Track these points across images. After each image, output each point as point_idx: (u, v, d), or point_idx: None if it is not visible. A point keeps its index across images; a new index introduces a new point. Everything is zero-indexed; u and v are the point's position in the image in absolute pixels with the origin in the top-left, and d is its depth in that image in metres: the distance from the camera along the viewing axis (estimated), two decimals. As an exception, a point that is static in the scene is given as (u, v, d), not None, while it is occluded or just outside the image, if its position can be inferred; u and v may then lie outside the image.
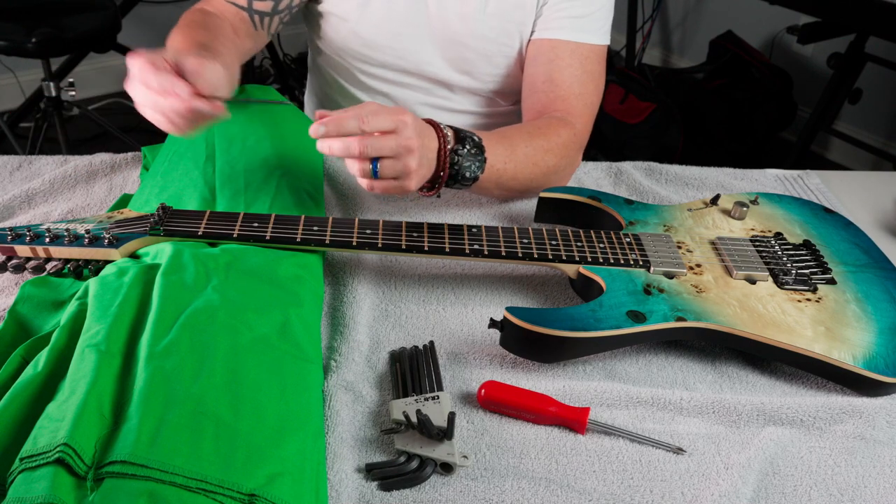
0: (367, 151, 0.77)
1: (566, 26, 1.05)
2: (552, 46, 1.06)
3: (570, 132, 1.01)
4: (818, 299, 0.81)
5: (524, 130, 0.99)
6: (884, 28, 2.08)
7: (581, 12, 1.05)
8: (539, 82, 1.07)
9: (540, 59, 1.07)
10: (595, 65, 1.07)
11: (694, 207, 0.96)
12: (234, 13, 1.05)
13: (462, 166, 0.87)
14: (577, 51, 1.06)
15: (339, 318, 0.81)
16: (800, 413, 0.73)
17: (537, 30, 1.08)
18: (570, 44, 1.05)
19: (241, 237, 0.80)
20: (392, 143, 0.78)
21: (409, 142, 0.79)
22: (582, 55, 1.06)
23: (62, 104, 2.32)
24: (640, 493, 0.66)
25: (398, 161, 0.79)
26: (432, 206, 1.02)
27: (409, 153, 0.79)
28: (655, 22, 3.40)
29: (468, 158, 0.87)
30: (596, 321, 0.74)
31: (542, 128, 1.00)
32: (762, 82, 2.75)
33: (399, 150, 0.78)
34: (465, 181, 0.88)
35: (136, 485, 0.54)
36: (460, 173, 0.87)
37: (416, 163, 0.80)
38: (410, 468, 0.65)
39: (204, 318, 0.68)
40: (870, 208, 1.11)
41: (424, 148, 0.81)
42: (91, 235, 0.80)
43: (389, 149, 0.78)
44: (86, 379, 0.60)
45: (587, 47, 1.06)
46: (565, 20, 1.06)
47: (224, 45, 0.94)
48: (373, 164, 0.78)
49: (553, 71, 1.06)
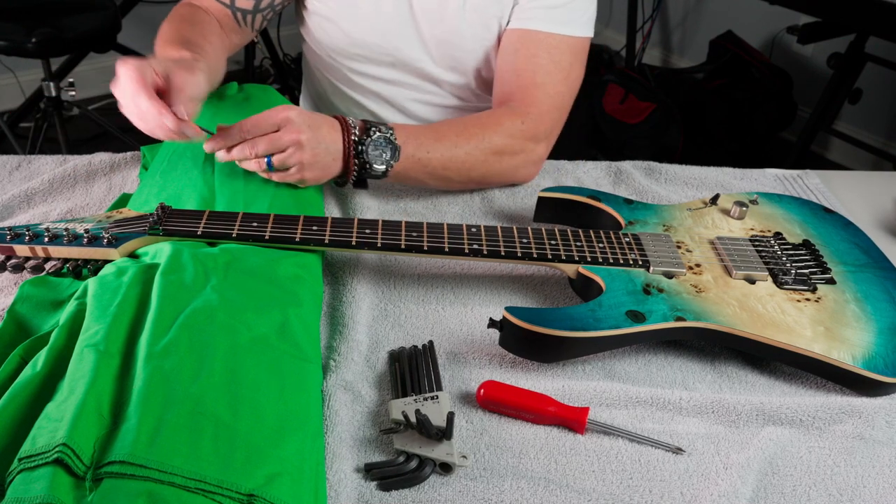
0: (256, 151, 0.87)
1: (537, 17, 1.05)
2: (520, 36, 1.06)
3: (515, 121, 1.01)
4: (817, 299, 0.81)
5: (459, 122, 1.00)
6: (884, 28, 2.08)
7: (555, 3, 1.04)
8: (505, 72, 1.07)
9: (508, 48, 1.07)
10: (565, 56, 1.05)
11: (693, 207, 0.95)
12: (220, 9, 1.09)
13: (370, 155, 0.91)
14: (546, 41, 1.04)
15: (338, 318, 0.81)
16: (799, 413, 0.73)
17: (512, 20, 1.07)
18: (539, 34, 1.05)
19: (240, 237, 0.80)
20: (277, 140, 0.86)
21: (294, 135, 0.86)
22: (551, 45, 1.04)
23: (62, 104, 2.32)
24: (640, 492, 0.66)
25: (288, 154, 0.87)
26: (432, 207, 1.02)
27: (297, 145, 0.87)
28: (655, 22, 3.40)
29: (376, 148, 0.91)
30: (595, 321, 0.74)
31: (482, 117, 1.01)
32: (762, 82, 2.75)
33: (285, 144, 0.87)
34: (376, 171, 0.93)
35: (135, 485, 0.54)
36: (368, 162, 0.92)
37: (309, 154, 0.88)
38: (409, 468, 0.65)
39: (203, 317, 0.68)
40: (870, 208, 1.10)
41: (317, 140, 0.88)
42: (90, 235, 0.80)
43: (275, 146, 0.87)
44: (85, 379, 0.60)
45: (557, 38, 1.05)
46: (538, 10, 1.05)
47: (209, 41, 1.00)
48: (267, 159, 0.87)
49: (518, 61, 1.05)
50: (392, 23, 1.10)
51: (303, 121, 0.87)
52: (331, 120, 0.91)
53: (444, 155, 0.96)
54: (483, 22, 1.08)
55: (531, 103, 1.03)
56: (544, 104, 1.04)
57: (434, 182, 1.00)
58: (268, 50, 2.83)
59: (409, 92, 1.18)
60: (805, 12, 2.30)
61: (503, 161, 1.01)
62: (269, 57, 2.89)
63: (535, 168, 1.07)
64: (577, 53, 1.07)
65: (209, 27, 1.04)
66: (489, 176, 1.02)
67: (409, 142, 0.94)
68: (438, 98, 1.19)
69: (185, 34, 0.98)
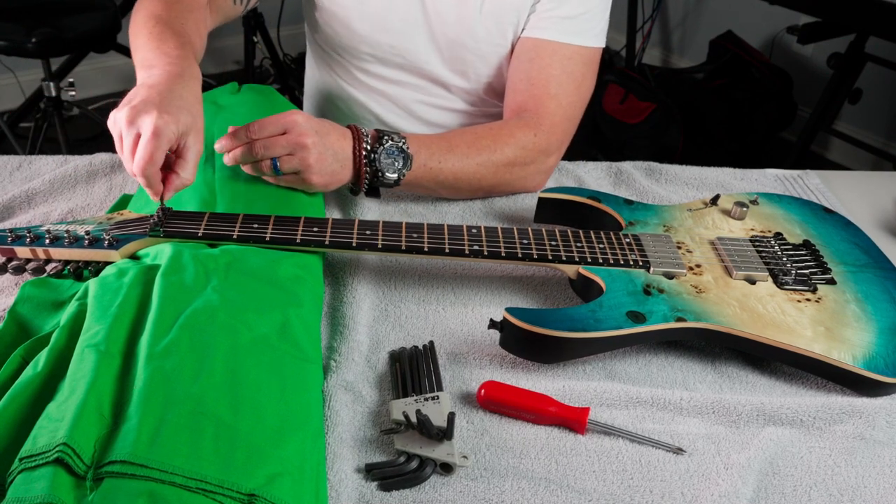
0: (263, 153, 0.86)
1: (552, 26, 1.05)
2: (535, 45, 1.06)
3: (528, 133, 1.01)
4: (818, 299, 0.81)
5: (471, 132, 1.00)
6: (884, 28, 2.08)
7: (571, 13, 1.04)
8: (518, 81, 1.07)
9: (522, 57, 1.07)
10: (578, 66, 1.06)
11: (694, 207, 0.96)
12: None
13: (382, 163, 0.91)
14: (560, 51, 1.05)
15: (338, 319, 0.81)
16: (800, 413, 0.73)
17: (527, 28, 1.08)
18: (553, 44, 1.05)
19: (240, 238, 0.80)
20: (283, 142, 0.86)
21: (300, 139, 0.86)
22: (564, 56, 1.05)
23: (62, 104, 2.32)
24: (640, 493, 0.66)
25: (294, 157, 0.87)
26: (433, 208, 1.02)
27: (303, 149, 0.86)
28: (655, 22, 3.40)
29: (388, 156, 0.91)
30: (596, 322, 0.74)
31: (495, 128, 1.01)
32: (762, 82, 2.75)
33: (291, 147, 0.86)
34: (388, 179, 0.93)
35: (136, 485, 0.54)
36: (380, 171, 0.92)
37: (314, 157, 0.87)
38: (410, 468, 0.65)
39: (204, 318, 0.68)
40: (870, 208, 1.11)
41: (323, 145, 0.88)
42: (91, 237, 0.80)
43: (282, 147, 0.86)
44: (85, 379, 0.60)
45: (572, 48, 1.05)
46: (553, 20, 1.05)
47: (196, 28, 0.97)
48: (273, 162, 0.87)
49: (532, 70, 1.05)
50: (403, 22, 1.10)
51: (310, 125, 0.87)
52: (341, 128, 0.92)
53: (456, 166, 0.96)
54: (499, 28, 1.08)
55: (544, 115, 1.03)
56: (557, 116, 1.04)
57: (444, 192, 1.01)
58: (268, 50, 2.83)
59: (416, 94, 1.18)
60: (805, 12, 2.30)
61: (514, 172, 1.01)
62: (269, 57, 2.88)
63: (545, 178, 1.07)
64: (589, 64, 1.07)
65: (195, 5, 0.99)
66: (499, 186, 1.03)
67: (422, 151, 0.94)
68: (446, 101, 1.19)
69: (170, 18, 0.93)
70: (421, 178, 0.95)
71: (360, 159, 0.91)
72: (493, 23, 1.08)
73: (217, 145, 0.88)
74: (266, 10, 2.80)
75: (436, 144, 0.96)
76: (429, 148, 0.95)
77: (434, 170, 0.95)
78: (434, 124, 1.21)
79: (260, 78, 3.13)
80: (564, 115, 1.05)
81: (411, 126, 1.21)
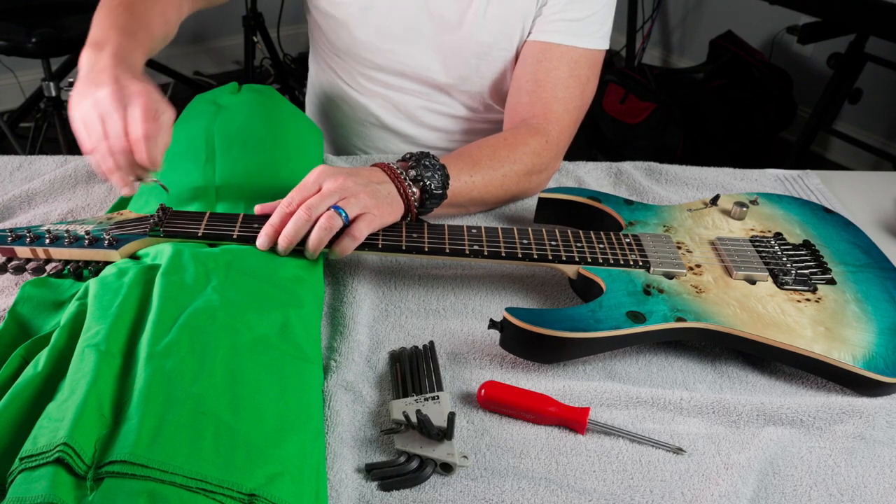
0: (314, 212, 0.78)
1: (560, 29, 1.05)
2: (542, 48, 1.06)
3: (540, 140, 1.01)
4: (818, 299, 0.81)
5: (486, 145, 0.99)
6: (884, 28, 2.08)
7: (577, 16, 1.05)
8: (524, 83, 1.07)
9: (529, 60, 1.07)
10: (584, 69, 1.06)
11: (694, 208, 0.96)
12: None
13: (425, 177, 0.86)
14: (567, 54, 1.05)
15: (338, 319, 0.81)
16: (800, 413, 0.73)
17: (533, 31, 1.08)
18: (561, 47, 1.05)
19: (241, 238, 0.80)
20: (326, 194, 0.79)
21: (337, 182, 0.79)
22: (571, 59, 1.05)
23: (62, 104, 2.32)
24: (640, 493, 0.66)
25: (350, 198, 0.79)
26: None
27: (346, 190, 0.79)
28: (655, 22, 3.40)
29: (427, 169, 0.87)
30: (596, 322, 0.74)
31: (508, 138, 1.00)
32: (762, 82, 2.75)
33: (339, 191, 0.79)
34: (435, 194, 0.87)
35: (136, 484, 0.54)
36: (427, 186, 0.86)
37: (364, 193, 0.80)
38: (410, 468, 0.65)
39: (204, 318, 0.68)
40: (870, 208, 1.11)
41: (361, 179, 0.82)
42: (91, 237, 0.80)
43: (330, 194, 0.79)
44: (86, 379, 0.60)
45: (579, 51, 1.05)
46: (560, 23, 1.05)
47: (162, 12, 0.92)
48: (336, 209, 0.78)
49: (539, 72, 1.05)
50: (406, 30, 1.10)
51: (337, 169, 0.82)
52: (366, 167, 0.87)
53: (485, 178, 0.95)
54: (504, 32, 1.08)
55: (552, 120, 1.03)
56: (564, 120, 1.05)
57: (474, 207, 0.99)
58: (268, 50, 2.83)
59: (417, 100, 1.18)
60: (805, 12, 2.30)
61: (532, 180, 1.01)
62: (269, 57, 2.89)
63: (549, 179, 1.08)
64: (593, 67, 1.08)
65: None
66: (520, 195, 1.03)
67: (451, 167, 0.91)
68: (447, 107, 1.19)
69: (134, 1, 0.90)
70: (457, 195, 0.92)
71: (401, 182, 0.85)
72: (497, 27, 1.08)
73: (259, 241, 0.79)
74: (266, 10, 2.80)
75: (462, 161, 0.94)
76: (456, 164, 0.93)
77: (468, 184, 0.94)
78: (436, 128, 1.21)
79: (260, 78, 3.13)
80: (571, 119, 1.06)
81: (413, 129, 1.21)
